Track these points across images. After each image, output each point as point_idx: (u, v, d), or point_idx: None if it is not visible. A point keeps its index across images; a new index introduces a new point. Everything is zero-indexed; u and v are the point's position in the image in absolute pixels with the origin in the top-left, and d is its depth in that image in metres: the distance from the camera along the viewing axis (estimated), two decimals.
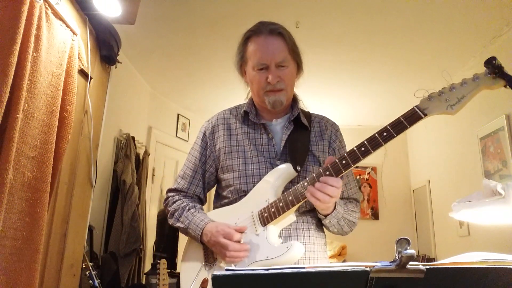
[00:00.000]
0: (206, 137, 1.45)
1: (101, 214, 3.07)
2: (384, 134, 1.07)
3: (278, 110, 1.38)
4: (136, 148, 3.47)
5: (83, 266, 1.99)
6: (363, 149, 1.09)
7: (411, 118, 1.06)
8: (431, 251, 3.97)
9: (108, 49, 2.10)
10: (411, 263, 0.59)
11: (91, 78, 1.94)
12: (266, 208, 1.22)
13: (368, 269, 0.60)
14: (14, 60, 1.25)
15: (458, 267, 0.63)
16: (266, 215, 1.22)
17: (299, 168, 1.28)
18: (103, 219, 3.09)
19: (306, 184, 1.16)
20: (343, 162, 1.12)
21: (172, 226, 1.41)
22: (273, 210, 1.20)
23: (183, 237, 1.40)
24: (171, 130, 4.45)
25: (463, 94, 1.03)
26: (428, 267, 0.61)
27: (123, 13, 2.06)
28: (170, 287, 2.60)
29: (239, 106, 1.48)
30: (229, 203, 1.36)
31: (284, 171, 1.26)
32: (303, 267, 0.62)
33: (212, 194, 1.49)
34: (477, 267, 0.63)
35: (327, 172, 1.14)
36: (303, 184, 1.18)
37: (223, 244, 1.20)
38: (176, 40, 3.20)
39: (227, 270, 0.63)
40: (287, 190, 1.21)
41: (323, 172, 1.15)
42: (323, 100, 4.22)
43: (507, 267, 0.62)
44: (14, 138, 1.26)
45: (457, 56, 3.21)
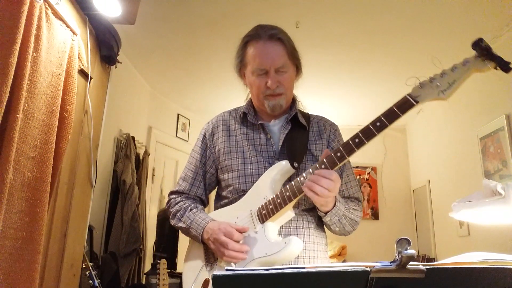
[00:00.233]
0: (206, 138, 1.46)
1: (101, 214, 3.07)
2: (377, 124, 1.07)
3: (277, 113, 1.39)
4: (136, 148, 3.47)
5: (83, 266, 1.99)
6: (357, 140, 1.10)
7: (403, 106, 1.06)
8: (431, 251, 3.97)
9: (108, 49, 2.10)
10: (411, 263, 0.59)
11: (91, 78, 1.94)
12: (264, 205, 1.23)
13: (368, 269, 0.60)
14: (14, 60, 1.25)
15: (458, 267, 0.63)
16: (264, 212, 1.22)
17: (297, 164, 1.28)
18: (103, 219, 3.09)
19: (302, 179, 1.16)
20: (338, 154, 1.12)
21: (173, 227, 1.41)
22: (271, 207, 1.20)
23: (183, 237, 1.41)
24: (171, 130, 4.45)
25: (454, 79, 1.03)
26: (428, 267, 0.61)
27: (123, 13, 2.06)
28: (170, 287, 2.60)
29: (239, 108, 1.49)
30: (228, 203, 1.36)
31: (282, 168, 1.26)
32: (303, 267, 0.62)
33: (213, 197, 1.49)
34: (477, 267, 0.63)
35: (323, 166, 1.14)
36: (299, 179, 1.18)
37: (222, 241, 1.19)
38: (176, 40, 3.20)
39: (227, 270, 0.63)
40: (285, 187, 1.22)
41: (319, 166, 1.15)
42: (323, 100, 4.22)
43: (507, 267, 0.62)
44: (14, 138, 1.26)
45: (457, 56, 3.20)
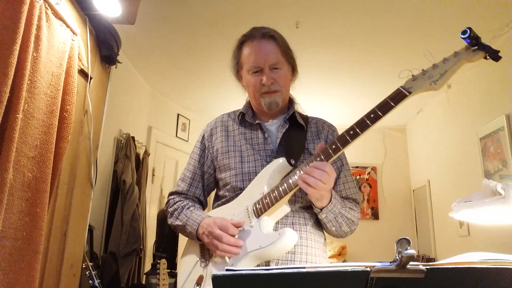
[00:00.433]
0: (205, 139, 1.49)
1: (101, 214, 3.07)
2: (372, 115, 1.09)
3: (274, 112, 1.40)
4: (136, 148, 3.47)
5: (83, 266, 1.99)
6: (351, 132, 1.11)
7: (396, 97, 1.09)
8: (431, 251, 3.97)
9: (108, 49, 2.10)
10: (411, 263, 0.59)
11: (91, 78, 1.94)
12: (260, 200, 1.23)
13: (368, 269, 0.60)
14: (14, 60, 1.25)
15: (458, 267, 0.63)
16: (259, 206, 1.22)
17: (293, 161, 1.29)
18: (103, 219, 3.09)
19: (298, 173, 1.17)
20: (333, 146, 1.14)
21: (171, 225, 1.42)
22: (266, 201, 1.21)
23: (183, 237, 1.41)
24: (171, 130, 4.45)
25: (445, 69, 1.06)
26: (428, 267, 0.61)
27: (123, 13, 2.06)
28: (170, 287, 2.60)
29: (238, 110, 1.51)
30: (226, 202, 1.37)
31: (279, 165, 1.27)
32: (303, 267, 0.62)
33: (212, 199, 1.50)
34: (477, 267, 0.63)
35: (318, 159, 1.15)
36: (295, 173, 1.18)
37: (217, 234, 1.20)
38: (176, 40, 3.19)
39: (227, 270, 0.63)
40: (281, 181, 1.22)
41: (314, 159, 1.16)
42: (323, 100, 4.22)
43: (507, 267, 0.62)
44: (14, 138, 1.26)
45: None
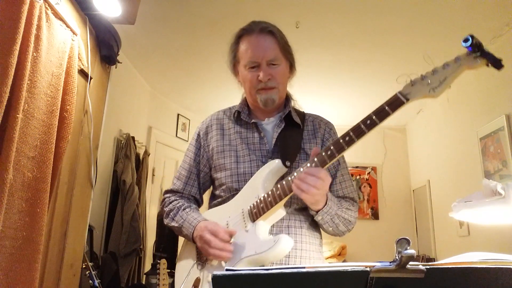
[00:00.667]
0: (200, 137, 1.47)
1: (101, 214, 3.07)
2: (368, 122, 1.07)
3: (270, 109, 1.38)
4: (136, 148, 3.47)
5: (83, 266, 1.99)
6: (347, 138, 1.09)
7: (393, 104, 1.06)
8: (431, 251, 3.97)
9: (108, 49, 2.10)
10: (411, 263, 0.59)
11: (91, 78, 1.94)
12: (255, 204, 1.22)
13: (368, 269, 0.60)
14: (14, 60, 1.25)
15: (458, 267, 0.63)
16: (255, 210, 1.21)
17: (289, 163, 1.27)
18: (103, 219, 3.09)
19: (293, 177, 1.16)
20: (328, 152, 1.12)
21: (167, 226, 1.41)
22: (262, 205, 1.20)
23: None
24: (171, 130, 4.45)
25: (445, 76, 1.02)
26: (428, 267, 0.61)
27: (123, 13, 2.06)
28: (170, 287, 2.60)
29: (233, 106, 1.49)
30: (222, 202, 1.36)
31: (274, 167, 1.26)
32: (303, 267, 0.62)
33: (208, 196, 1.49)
34: (477, 267, 0.63)
35: (313, 164, 1.14)
36: (290, 178, 1.17)
37: (206, 239, 1.20)
38: (176, 40, 3.20)
39: (227, 270, 0.63)
40: (276, 185, 1.21)
41: (310, 164, 1.15)
42: (323, 100, 4.22)
43: (507, 267, 0.62)
44: (14, 138, 1.26)
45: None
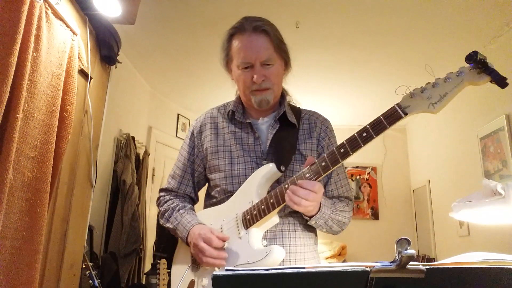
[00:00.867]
0: (194, 136, 1.44)
1: (101, 214, 3.07)
2: (364, 135, 1.04)
3: (265, 108, 1.35)
4: (136, 148, 3.47)
5: (83, 266, 1.99)
6: (342, 150, 1.06)
7: (391, 117, 1.01)
8: (431, 251, 3.97)
9: (108, 49, 2.10)
10: (411, 263, 0.59)
11: (91, 78, 1.94)
12: (248, 211, 1.21)
13: (368, 269, 0.61)
14: (14, 60, 1.25)
15: (458, 267, 0.63)
16: (248, 217, 1.20)
17: (283, 168, 1.25)
18: (103, 219, 3.09)
19: (287, 186, 1.14)
20: (323, 164, 1.10)
21: (163, 226, 1.40)
22: (255, 212, 1.18)
23: None
24: (171, 130, 4.45)
25: (445, 91, 0.96)
26: (428, 267, 0.61)
27: (123, 13, 2.06)
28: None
29: (227, 104, 1.46)
30: (216, 203, 1.35)
31: (268, 171, 1.24)
32: (303, 267, 0.62)
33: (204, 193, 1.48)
34: (477, 267, 0.63)
35: (307, 175, 1.12)
36: (284, 186, 1.16)
37: (200, 248, 1.19)
38: (176, 40, 3.19)
39: (227, 270, 0.63)
40: (270, 192, 1.20)
41: (304, 175, 1.13)
42: (323, 100, 4.22)
43: (507, 267, 0.62)
44: (14, 138, 1.26)
45: (457, 56, 3.21)
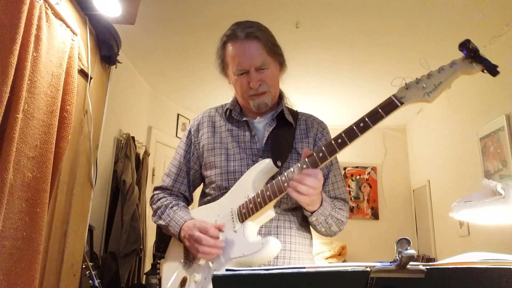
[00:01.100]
0: (191, 134, 1.45)
1: (101, 214, 3.07)
2: (361, 125, 1.05)
3: (263, 111, 1.37)
4: (136, 148, 3.47)
5: (83, 266, 1.99)
6: (339, 140, 1.07)
7: (387, 107, 1.04)
8: (431, 251, 3.97)
9: (108, 49, 2.10)
10: (411, 263, 0.59)
11: (91, 78, 1.94)
12: (244, 204, 1.21)
13: (368, 269, 0.61)
14: (14, 60, 1.25)
15: (458, 267, 0.63)
16: (244, 211, 1.20)
17: (280, 163, 1.25)
18: (103, 219, 3.09)
19: (284, 178, 1.14)
20: (320, 154, 1.10)
21: (155, 223, 1.39)
22: (251, 205, 1.18)
23: None
24: (171, 130, 4.45)
25: (440, 80, 1.01)
26: (428, 267, 0.61)
27: (123, 13, 2.06)
28: None
29: (225, 104, 1.48)
30: (211, 200, 1.34)
31: (265, 167, 1.24)
32: (303, 267, 0.62)
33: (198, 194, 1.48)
34: (477, 267, 0.63)
35: (304, 166, 1.12)
36: (280, 179, 1.16)
37: (197, 237, 1.18)
38: (176, 40, 3.20)
39: (227, 270, 0.63)
40: (266, 185, 1.19)
41: (301, 165, 1.13)
42: (323, 100, 4.22)
43: (507, 267, 0.62)
44: (14, 138, 1.26)
45: (457, 56, 3.20)
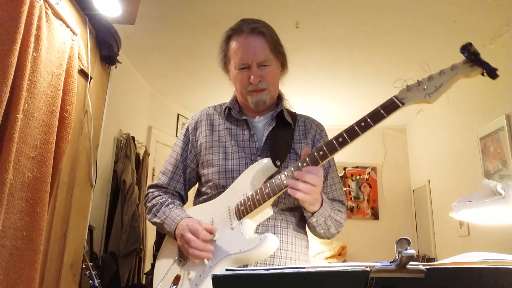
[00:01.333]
0: (189, 132, 1.43)
1: (101, 214, 3.07)
2: (362, 124, 1.05)
3: (261, 109, 1.36)
4: (136, 148, 3.47)
5: (83, 266, 1.99)
6: (340, 139, 1.07)
7: (389, 107, 1.05)
8: (431, 251, 3.97)
9: (108, 49, 2.10)
10: (411, 263, 0.59)
11: (91, 78, 1.94)
12: (242, 202, 1.20)
13: (368, 269, 0.61)
14: (14, 60, 1.25)
15: (458, 267, 0.63)
16: (242, 208, 1.19)
17: (279, 162, 1.25)
18: (103, 219, 3.09)
19: (283, 176, 1.14)
20: (321, 153, 1.10)
21: (150, 221, 1.38)
22: (249, 203, 1.18)
23: None
24: (171, 130, 4.45)
25: (441, 82, 1.04)
26: (428, 267, 0.61)
27: (123, 13, 2.06)
28: None
29: (224, 103, 1.47)
30: (208, 199, 1.33)
31: (264, 166, 1.23)
32: (303, 267, 0.62)
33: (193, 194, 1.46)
34: (477, 267, 0.63)
35: (305, 164, 1.12)
36: (280, 177, 1.15)
37: (187, 238, 1.18)
38: (176, 40, 3.20)
39: (227, 270, 0.63)
40: (265, 184, 1.19)
41: (301, 164, 1.13)
42: (323, 100, 4.22)
43: (507, 267, 0.62)
44: (14, 138, 1.26)
45: (457, 56, 3.20)
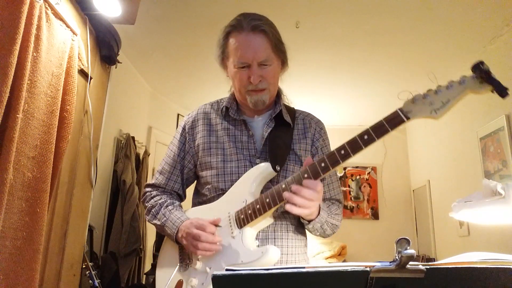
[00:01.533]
0: (186, 131, 1.40)
1: (101, 214, 3.07)
2: (365, 137, 1.02)
3: (260, 109, 1.33)
4: (136, 148, 3.47)
5: (83, 266, 1.99)
6: (343, 152, 1.04)
7: (393, 121, 1.00)
8: (431, 251, 3.97)
9: (108, 49, 2.10)
10: (411, 263, 0.60)
11: (91, 78, 1.94)
12: (242, 210, 1.18)
13: (368, 269, 0.61)
14: (14, 60, 1.25)
15: (458, 267, 0.63)
16: (242, 217, 1.17)
17: (278, 168, 1.23)
18: (103, 219, 3.09)
19: (284, 186, 1.12)
20: (322, 165, 1.07)
21: (149, 222, 1.37)
22: (249, 212, 1.16)
23: None
24: (171, 130, 4.45)
25: (448, 98, 0.98)
26: (428, 267, 0.61)
27: (123, 13, 2.06)
28: None
29: (221, 100, 1.43)
30: (207, 201, 1.32)
31: (263, 171, 1.21)
32: (303, 267, 0.62)
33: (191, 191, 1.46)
34: (477, 267, 0.63)
35: (305, 175, 1.09)
36: (281, 186, 1.13)
37: (195, 234, 1.15)
38: (176, 40, 3.20)
39: (227, 270, 0.63)
40: (266, 191, 1.17)
41: (302, 175, 1.10)
42: (323, 100, 4.22)
43: (507, 267, 0.62)
44: (14, 138, 1.26)
45: (457, 56, 3.21)
